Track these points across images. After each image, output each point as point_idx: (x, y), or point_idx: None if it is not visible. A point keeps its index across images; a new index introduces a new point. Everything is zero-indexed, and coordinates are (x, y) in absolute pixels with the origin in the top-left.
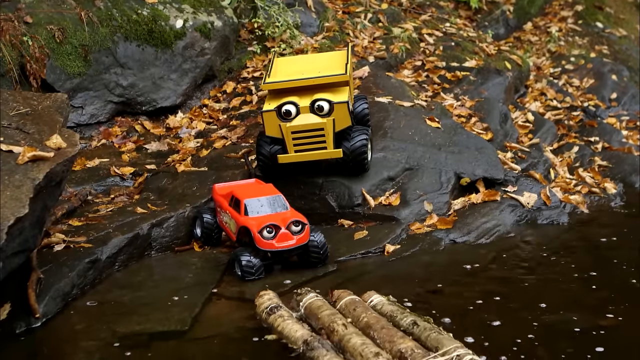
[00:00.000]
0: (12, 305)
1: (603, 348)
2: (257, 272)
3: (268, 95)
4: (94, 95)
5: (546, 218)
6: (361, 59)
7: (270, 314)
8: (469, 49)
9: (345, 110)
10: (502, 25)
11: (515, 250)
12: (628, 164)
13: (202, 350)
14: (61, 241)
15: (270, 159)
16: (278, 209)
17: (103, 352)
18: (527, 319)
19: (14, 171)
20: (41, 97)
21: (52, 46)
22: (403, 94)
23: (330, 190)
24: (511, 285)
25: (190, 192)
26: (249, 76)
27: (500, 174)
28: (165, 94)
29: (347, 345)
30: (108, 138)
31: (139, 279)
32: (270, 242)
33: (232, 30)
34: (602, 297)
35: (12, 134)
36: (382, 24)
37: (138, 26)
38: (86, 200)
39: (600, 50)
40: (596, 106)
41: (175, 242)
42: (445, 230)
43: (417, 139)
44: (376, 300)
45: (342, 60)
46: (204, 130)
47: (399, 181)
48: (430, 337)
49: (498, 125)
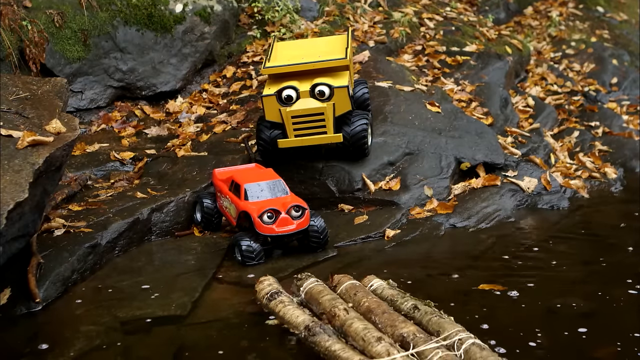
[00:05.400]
0: (13, 289)
1: (605, 332)
2: (258, 257)
3: (268, 79)
4: (94, 80)
5: (546, 203)
6: (361, 44)
7: (270, 300)
8: (470, 33)
9: (345, 94)
10: (503, 10)
11: (516, 235)
12: (628, 149)
13: (202, 335)
14: (61, 226)
15: (270, 143)
16: (278, 193)
17: (103, 337)
18: (527, 303)
19: (13, 156)
20: (40, 81)
21: (52, 31)
22: (403, 78)
23: (331, 175)
24: (511, 269)
25: (190, 177)
26: (249, 61)
27: (501, 159)
28: (165, 79)
29: (349, 330)
30: (108, 123)
31: (139, 264)
32: (271, 226)
33: (231, 14)
34: (602, 282)
35: (12, 119)
36: (383, 8)
37: (137, 10)
38: (86, 185)
39: (600, 34)
40: (597, 91)
41: (176, 227)
42: (445, 215)
43: (418, 124)
44: (376, 284)
45: (342, 44)
46: (204, 115)
47: (399, 166)
48: (431, 321)
49: (498, 110)
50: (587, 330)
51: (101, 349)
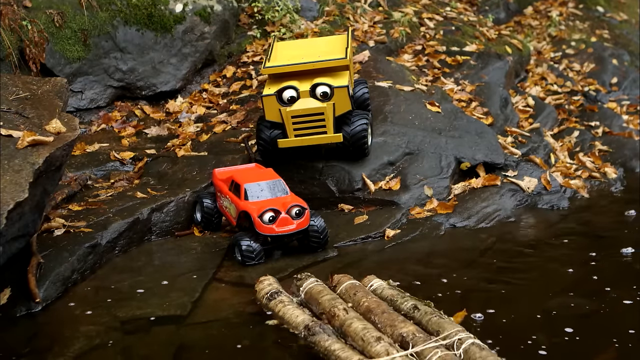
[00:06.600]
0: (13, 289)
1: (604, 331)
2: (258, 257)
3: (268, 79)
4: (94, 79)
5: (546, 203)
6: (361, 44)
7: (270, 300)
8: (470, 33)
9: (345, 94)
10: (503, 10)
11: (516, 235)
12: (628, 149)
13: (202, 335)
14: (61, 226)
15: (270, 143)
16: (278, 193)
17: (103, 337)
18: (527, 303)
19: (13, 156)
20: (40, 81)
21: (52, 30)
22: (403, 78)
23: (330, 174)
24: (511, 269)
25: (190, 177)
26: (249, 60)
27: (501, 159)
28: (165, 79)
29: (349, 330)
30: (108, 123)
31: (139, 264)
32: (271, 226)
33: (231, 14)
34: (602, 282)
35: (12, 119)
36: (383, 8)
37: (137, 10)
38: (86, 185)
39: (600, 34)
40: (597, 91)
41: (175, 226)
42: (445, 214)
43: (418, 124)
44: (376, 284)
45: (342, 44)
46: (204, 114)
47: (399, 166)
48: (431, 321)
49: (498, 110)
50: (586, 330)
51: (101, 348)
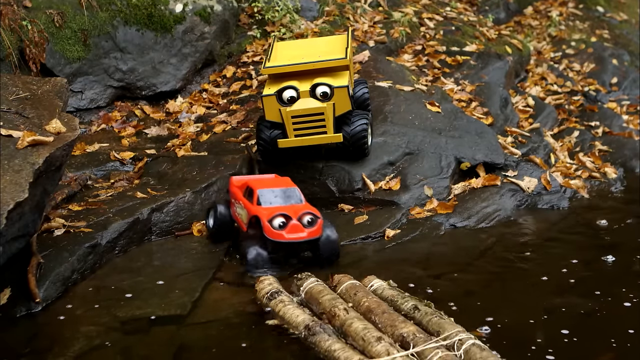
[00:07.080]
0: (13, 289)
1: (604, 331)
2: (264, 266)
3: (268, 79)
4: (94, 79)
5: (546, 203)
6: (361, 44)
7: (270, 299)
8: (470, 33)
9: (345, 94)
10: (503, 10)
11: (516, 235)
12: (628, 149)
13: (202, 335)
14: (61, 226)
15: (270, 143)
16: (292, 201)
17: (103, 337)
18: (528, 303)
19: (13, 156)
20: (40, 81)
21: (52, 30)
22: (403, 78)
23: (330, 174)
24: (512, 269)
25: (190, 177)
26: (249, 60)
27: (501, 159)
28: (165, 79)
29: (349, 330)
30: (108, 123)
31: (138, 264)
32: (280, 232)
33: (231, 14)
34: (603, 282)
35: (12, 119)
36: (383, 8)
37: (137, 10)
38: (86, 185)
39: (600, 34)
40: (597, 91)
41: (175, 227)
42: (445, 214)
43: (418, 124)
44: (377, 284)
45: (342, 44)
46: (204, 114)
47: (399, 166)
48: (431, 322)
49: (498, 110)
50: (587, 330)
51: (101, 348)
